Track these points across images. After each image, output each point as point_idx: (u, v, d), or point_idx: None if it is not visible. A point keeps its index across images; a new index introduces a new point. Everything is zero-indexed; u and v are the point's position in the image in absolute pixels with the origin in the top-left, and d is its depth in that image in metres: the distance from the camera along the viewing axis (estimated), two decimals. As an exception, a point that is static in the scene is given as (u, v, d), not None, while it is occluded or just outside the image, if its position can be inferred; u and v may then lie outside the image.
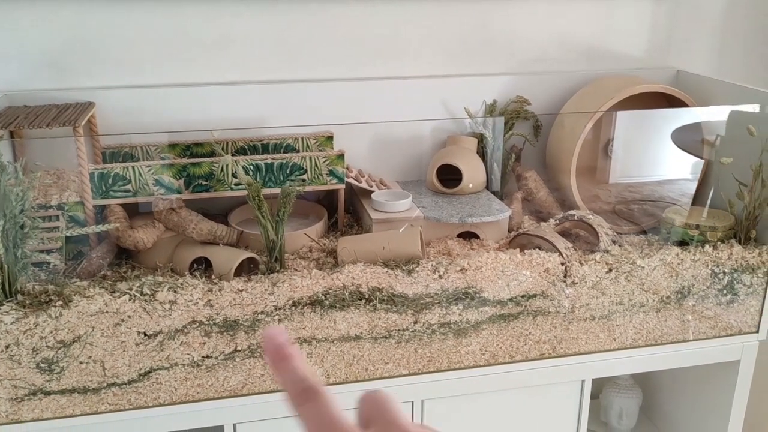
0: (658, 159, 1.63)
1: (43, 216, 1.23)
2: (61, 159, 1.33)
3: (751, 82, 1.70)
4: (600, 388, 1.76)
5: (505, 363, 1.30)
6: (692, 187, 1.56)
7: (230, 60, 1.47)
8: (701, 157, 1.54)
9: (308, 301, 1.17)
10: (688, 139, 1.53)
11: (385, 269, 1.20)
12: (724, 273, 1.35)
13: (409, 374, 1.26)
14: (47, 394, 1.13)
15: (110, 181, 1.26)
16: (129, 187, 1.27)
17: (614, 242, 1.35)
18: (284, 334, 0.42)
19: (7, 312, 1.07)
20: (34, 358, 1.10)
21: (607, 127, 1.59)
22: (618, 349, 1.35)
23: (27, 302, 1.08)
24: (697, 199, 1.51)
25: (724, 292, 1.37)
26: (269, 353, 0.41)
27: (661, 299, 1.34)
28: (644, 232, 1.47)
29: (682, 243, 1.38)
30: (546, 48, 1.60)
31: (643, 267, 1.30)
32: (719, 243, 1.36)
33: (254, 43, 1.47)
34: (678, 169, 1.62)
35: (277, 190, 1.23)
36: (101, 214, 1.28)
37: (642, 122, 1.60)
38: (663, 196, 1.58)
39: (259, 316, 1.16)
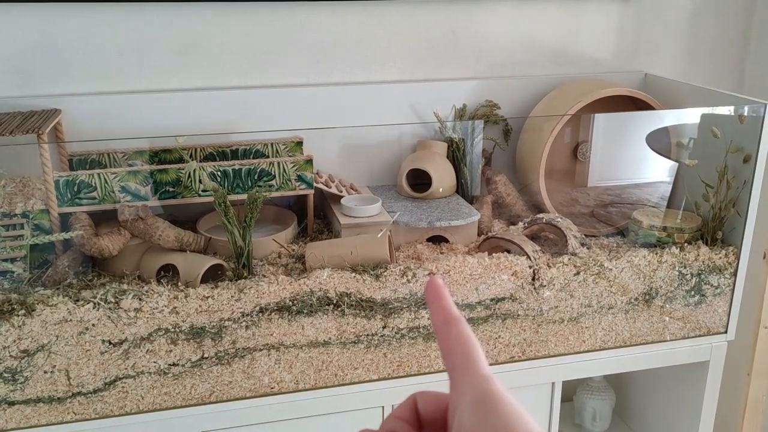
0: (631, 162, 1.64)
1: (8, 224, 1.22)
2: (26, 166, 1.31)
3: (718, 85, 1.72)
4: (573, 390, 1.77)
5: (475, 366, 1.30)
6: (669, 189, 1.57)
7: (198, 66, 1.46)
8: (674, 160, 1.55)
9: (275, 307, 1.17)
10: (662, 141, 1.54)
11: (353, 274, 1.20)
12: (692, 274, 1.37)
13: (379, 379, 1.26)
14: (11, 404, 1.11)
15: (76, 189, 1.25)
16: (95, 194, 1.26)
17: (583, 245, 1.36)
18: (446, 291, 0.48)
19: (-32, 322, 1.05)
20: (-4, 368, 1.08)
21: (576, 131, 1.60)
22: (587, 351, 1.36)
23: (-11, 312, 1.07)
24: (672, 201, 1.53)
25: (692, 293, 1.38)
26: (429, 295, 0.48)
27: (630, 301, 1.35)
28: (622, 234, 1.47)
29: (652, 245, 1.39)
30: (514, 52, 1.61)
31: (611, 269, 1.31)
32: (686, 244, 1.37)
33: (222, 49, 1.46)
34: (654, 171, 1.63)
35: (245, 196, 1.23)
36: (67, 222, 1.26)
37: (613, 125, 1.61)
38: (641, 198, 1.60)
39: (226, 322, 1.15)
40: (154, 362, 1.14)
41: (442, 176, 1.47)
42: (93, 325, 1.10)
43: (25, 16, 1.36)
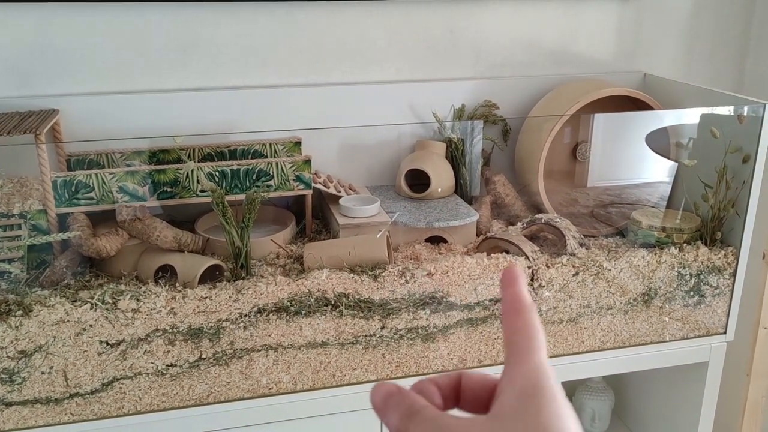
0: (630, 162, 1.64)
1: (5, 225, 1.22)
2: (24, 167, 1.31)
3: (717, 85, 1.72)
4: (572, 390, 1.77)
5: (474, 367, 1.30)
6: (668, 189, 1.57)
7: (197, 66, 1.46)
8: (674, 160, 1.55)
9: (273, 308, 1.16)
10: (662, 142, 1.54)
11: (351, 275, 1.19)
12: (691, 275, 1.36)
13: (377, 380, 1.26)
14: (8, 405, 1.11)
15: (73, 189, 1.25)
16: (93, 194, 1.26)
17: (581, 245, 1.36)
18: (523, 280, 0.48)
19: (-35, 322, 1.05)
20: (-7, 369, 1.08)
21: (575, 131, 1.60)
22: (586, 351, 1.36)
23: (-14, 312, 1.07)
24: (672, 201, 1.52)
25: (692, 293, 1.38)
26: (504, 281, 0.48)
27: (629, 301, 1.34)
28: (622, 235, 1.47)
29: (651, 245, 1.38)
30: (513, 52, 1.61)
31: (610, 270, 1.31)
32: (685, 245, 1.37)
33: (220, 49, 1.46)
34: (654, 171, 1.63)
35: (243, 197, 1.22)
36: (65, 222, 1.26)
37: (612, 125, 1.61)
38: (641, 198, 1.59)
39: (224, 323, 1.15)
40: (152, 363, 1.14)
41: (441, 176, 1.47)
42: (90, 325, 1.10)
43: (23, 16, 1.36)
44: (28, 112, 1.33)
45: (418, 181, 1.48)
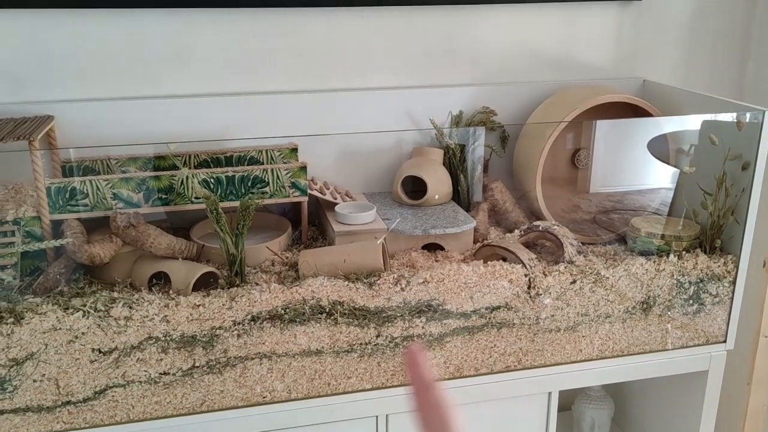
0: (629, 168, 1.63)
1: (-2, 231, 1.21)
2: (18, 173, 1.30)
3: (717, 91, 1.71)
4: (571, 399, 1.76)
5: (470, 376, 1.29)
6: (669, 196, 1.55)
7: (192, 72, 1.45)
8: (674, 167, 1.53)
9: (267, 316, 1.15)
10: (662, 148, 1.53)
11: (346, 282, 1.18)
12: (690, 283, 1.35)
13: (373, 389, 1.25)
14: (0, 413, 1.10)
15: (68, 196, 1.24)
16: (87, 201, 1.25)
17: (579, 253, 1.34)
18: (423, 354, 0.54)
19: (-44, 330, 1.04)
20: (-15, 376, 1.07)
21: (574, 137, 1.59)
22: (584, 360, 1.34)
23: (-23, 320, 1.06)
24: (673, 208, 1.51)
25: (691, 301, 1.36)
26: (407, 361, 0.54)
27: (627, 310, 1.33)
28: (623, 241, 1.45)
29: (650, 252, 1.37)
30: (511, 58, 1.60)
31: (608, 277, 1.30)
32: (684, 252, 1.36)
33: (217, 55, 1.46)
34: (654, 178, 1.62)
35: (238, 204, 1.21)
36: (59, 229, 1.25)
37: (610, 132, 1.60)
38: (643, 205, 1.58)
39: (217, 331, 1.14)
40: (145, 371, 1.13)
41: (438, 183, 1.46)
42: (83, 333, 1.09)
43: (18, 22, 1.35)
44: (22, 118, 1.33)
45: (416, 187, 1.47)
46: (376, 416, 1.27)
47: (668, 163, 1.55)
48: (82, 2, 1.35)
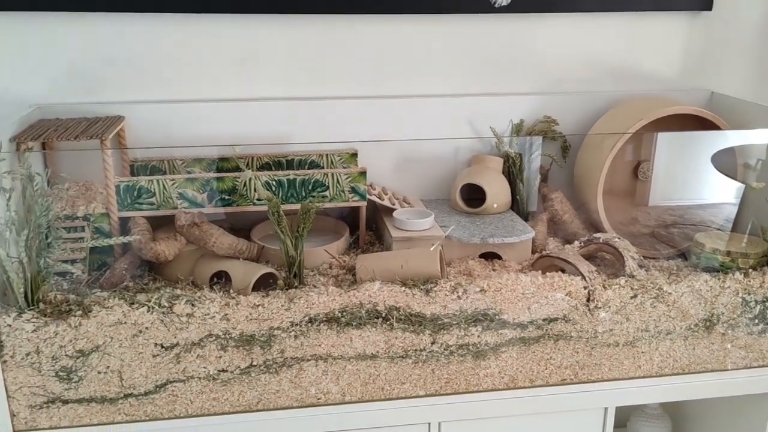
0: (695, 182, 1.59)
1: (69, 226, 1.26)
2: (89, 171, 1.35)
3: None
4: (627, 416, 1.72)
5: (524, 387, 1.27)
6: (734, 211, 1.51)
7: (259, 76, 1.48)
8: (741, 182, 1.49)
9: (324, 318, 1.17)
10: (728, 162, 1.49)
11: (403, 288, 1.19)
12: (756, 301, 1.31)
13: (426, 395, 1.24)
14: (65, 402, 1.14)
15: (135, 194, 1.28)
16: (153, 200, 1.29)
17: (641, 267, 1.32)
18: None
19: (28, 320, 1.09)
20: (53, 366, 1.11)
21: (637, 149, 1.56)
22: (643, 376, 1.32)
23: (48, 311, 1.10)
24: (738, 224, 1.47)
25: (756, 321, 1.32)
26: None
27: (689, 327, 1.30)
28: (684, 257, 1.42)
29: (714, 269, 1.34)
30: (574, 67, 1.59)
31: (670, 293, 1.27)
32: (751, 270, 1.32)
33: (281, 60, 1.48)
34: (718, 192, 1.57)
35: (299, 206, 1.23)
36: (126, 226, 1.30)
37: (676, 144, 1.57)
38: (704, 220, 1.54)
39: (275, 331, 1.16)
40: (204, 367, 1.16)
41: (497, 192, 1.45)
42: (146, 328, 1.12)
43: (96, 26, 1.40)
44: (95, 118, 1.38)
45: (474, 195, 1.47)
46: (429, 423, 1.27)
47: (734, 178, 1.51)
48: (156, 7, 1.40)
